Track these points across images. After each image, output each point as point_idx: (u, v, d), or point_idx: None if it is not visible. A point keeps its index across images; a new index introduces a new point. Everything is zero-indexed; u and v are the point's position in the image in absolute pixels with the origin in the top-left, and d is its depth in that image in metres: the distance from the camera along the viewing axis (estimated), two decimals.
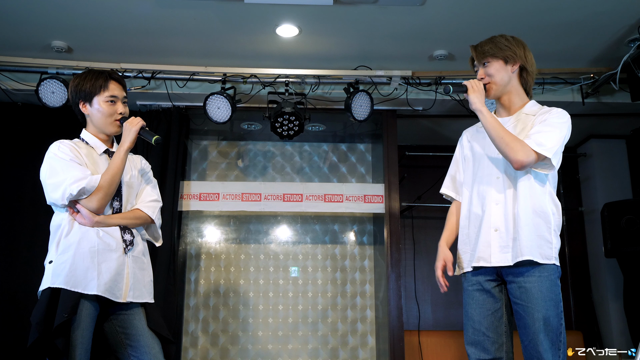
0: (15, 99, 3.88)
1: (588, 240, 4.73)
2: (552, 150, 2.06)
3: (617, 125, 4.47)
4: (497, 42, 2.22)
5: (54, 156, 2.17)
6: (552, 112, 2.15)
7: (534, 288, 2.04)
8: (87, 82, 2.24)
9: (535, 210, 2.09)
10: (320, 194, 4.14)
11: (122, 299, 2.15)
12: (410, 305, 4.54)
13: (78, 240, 2.12)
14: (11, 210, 3.86)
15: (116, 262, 2.15)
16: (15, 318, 3.63)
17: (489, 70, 2.21)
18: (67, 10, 3.10)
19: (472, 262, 2.17)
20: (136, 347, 2.17)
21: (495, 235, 2.12)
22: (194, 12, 3.12)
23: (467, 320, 2.19)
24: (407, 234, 4.70)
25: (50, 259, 2.13)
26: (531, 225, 2.07)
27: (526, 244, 2.05)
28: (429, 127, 4.51)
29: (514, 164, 2.06)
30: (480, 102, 2.14)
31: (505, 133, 2.08)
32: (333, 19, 3.19)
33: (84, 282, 2.07)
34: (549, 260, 2.06)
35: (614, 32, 3.32)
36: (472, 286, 2.19)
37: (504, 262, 2.09)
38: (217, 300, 4.31)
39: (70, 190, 2.09)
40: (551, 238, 2.08)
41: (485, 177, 2.21)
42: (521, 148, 2.04)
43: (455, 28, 3.28)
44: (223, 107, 3.67)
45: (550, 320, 2.03)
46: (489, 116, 2.12)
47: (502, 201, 2.14)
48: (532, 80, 2.26)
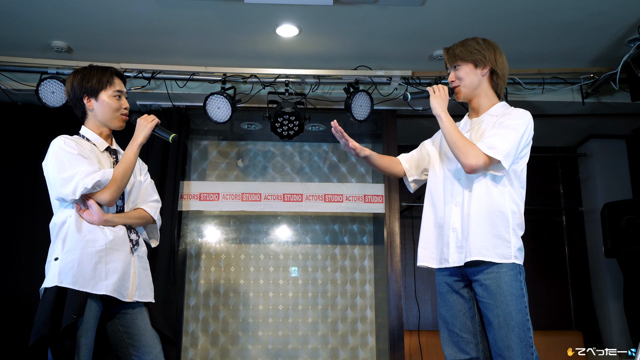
0: (15, 99, 3.88)
1: (588, 240, 4.73)
2: (503, 153, 2.06)
3: (617, 125, 4.47)
4: (468, 45, 2.24)
5: (60, 150, 2.14)
6: (512, 114, 2.16)
7: (493, 284, 2.04)
8: (93, 77, 2.25)
9: (491, 210, 2.10)
10: (320, 194, 4.15)
11: (129, 298, 2.15)
12: (410, 305, 4.54)
13: (86, 239, 2.10)
14: (11, 210, 3.86)
15: (123, 261, 2.15)
16: (15, 318, 3.64)
17: (459, 73, 2.24)
18: (67, 10, 3.10)
19: (439, 263, 2.21)
20: (138, 347, 2.17)
21: (452, 236, 2.15)
22: (194, 12, 3.12)
23: (441, 322, 2.22)
24: (407, 234, 4.70)
25: (56, 256, 2.09)
26: (485, 225, 2.09)
27: (476, 244, 2.07)
28: (429, 127, 4.50)
29: (465, 168, 2.09)
30: (440, 107, 2.19)
31: (458, 138, 2.11)
32: (333, 19, 3.19)
33: (92, 282, 2.06)
34: (507, 260, 2.06)
35: (614, 32, 3.32)
36: (442, 288, 2.23)
37: (458, 262, 2.13)
38: (217, 300, 4.31)
39: (85, 184, 2.06)
40: (509, 237, 2.08)
41: (448, 179, 2.25)
42: (472, 152, 2.06)
43: (455, 28, 3.28)
44: (223, 107, 3.67)
45: (513, 315, 2.00)
46: (447, 121, 2.16)
47: (460, 202, 2.17)
48: (503, 83, 2.28)
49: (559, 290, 4.70)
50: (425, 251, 2.27)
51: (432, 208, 2.30)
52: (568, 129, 4.55)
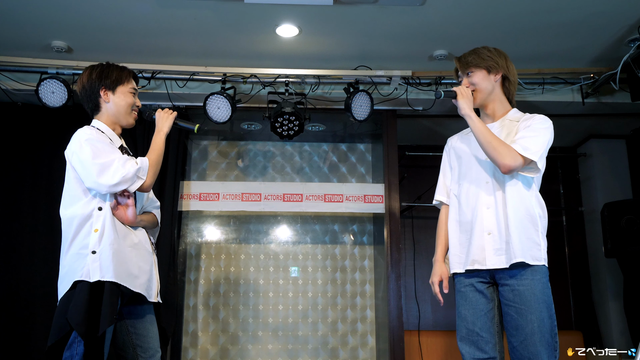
0: (15, 99, 3.88)
1: (588, 240, 4.73)
2: (538, 154, 2.12)
3: (617, 125, 4.47)
4: (480, 53, 2.30)
5: (91, 139, 2.12)
6: (535, 118, 2.22)
7: (527, 291, 2.08)
8: (113, 72, 2.28)
9: (526, 213, 2.15)
10: (320, 194, 4.15)
11: (153, 298, 2.19)
12: (410, 305, 4.54)
13: (122, 235, 2.11)
14: (11, 210, 3.85)
15: (149, 261, 2.19)
16: (16, 317, 3.64)
17: (473, 79, 2.29)
18: (67, 10, 3.10)
19: (467, 265, 2.21)
20: (146, 349, 2.19)
21: (488, 239, 2.16)
22: (194, 12, 3.12)
23: (460, 320, 2.23)
24: (407, 234, 4.70)
25: (93, 248, 2.04)
26: (523, 227, 2.13)
27: (518, 246, 2.10)
28: (429, 127, 4.51)
29: (502, 168, 2.11)
30: (469, 107, 2.22)
31: (493, 138, 2.15)
32: (333, 19, 3.19)
33: (130, 278, 2.07)
34: (539, 262, 2.11)
35: (614, 32, 3.32)
36: (465, 287, 2.24)
37: (498, 265, 2.13)
38: (217, 300, 4.31)
39: (125, 172, 2.06)
40: (539, 240, 2.14)
41: (474, 182, 2.26)
42: (508, 152, 2.10)
43: (455, 28, 3.28)
44: (223, 107, 3.67)
45: (544, 321, 2.06)
46: (478, 121, 2.20)
47: (492, 205, 2.19)
48: (514, 89, 2.34)
49: (559, 290, 4.68)
50: (455, 257, 2.28)
51: (458, 213, 2.31)
52: (568, 129, 4.55)
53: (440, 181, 2.46)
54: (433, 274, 2.33)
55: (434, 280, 2.31)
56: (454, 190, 2.35)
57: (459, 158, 2.38)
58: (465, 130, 2.43)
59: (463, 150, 2.36)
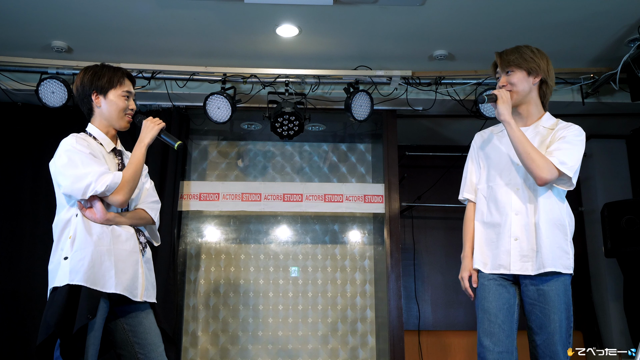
0: (15, 99, 3.88)
1: (588, 240, 4.73)
2: (573, 169, 2.14)
3: (617, 125, 4.47)
4: (523, 52, 2.27)
5: (72, 149, 2.14)
6: (571, 129, 2.21)
7: (552, 292, 2.12)
8: (104, 75, 2.25)
9: (554, 222, 2.17)
10: (320, 194, 4.15)
11: (139, 297, 2.17)
12: (410, 305, 4.54)
13: (95, 238, 2.10)
14: (11, 210, 3.86)
15: (132, 261, 2.17)
16: (16, 317, 3.64)
17: (512, 79, 2.26)
18: (67, 10, 3.10)
19: (492, 268, 2.23)
20: (144, 345, 2.19)
21: (515, 245, 2.18)
22: (194, 12, 3.12)
23: (482, 313, 2.23)
24: (407, 234, 4.70)
25: (66, 255, 2.08)
26: (553, 237, 2.15)
27: (549, 255, 2.13)
28: (429, 127, 4.50)
29: (538, 180, 2.13)
30: (508, 114, 2.19)
31: (532, 149, 2.14)
32: (333, 19, 3.19)
33: (102, 281, 2.06)
34: (568, 270, 2.15)
35: (614, 32, 3.32)
36: (489, 281, 2.24)
37: (524, 271, 2.16)
38: (217, 300, 4.31)
39: (96, 187, 2.07)
40: (568, 249, 2.17)
41: (505, 187, 2.26)
42: (545, 165, 2.11)
43: (455, 28, 3.28)
44: (223, 107, 3.67)
45: (564, 322, 2.12)
46: (517, 129, 2.18)
47: (522, 211, 2.20)
48: (550, 93, 2.32)
49: None
50: (479, 256, 2.30)
51: (486, 215, 2.30)
52: None
53: (467, 178, 2.44)
54: (462, 269, 2.33)
55: (463, 276, 2.32)
56: (482, 190, 2.34)
57: (487, 158, 2.36)
58: (495, 128, 2.40)
59: (493, 151, 2.34)
